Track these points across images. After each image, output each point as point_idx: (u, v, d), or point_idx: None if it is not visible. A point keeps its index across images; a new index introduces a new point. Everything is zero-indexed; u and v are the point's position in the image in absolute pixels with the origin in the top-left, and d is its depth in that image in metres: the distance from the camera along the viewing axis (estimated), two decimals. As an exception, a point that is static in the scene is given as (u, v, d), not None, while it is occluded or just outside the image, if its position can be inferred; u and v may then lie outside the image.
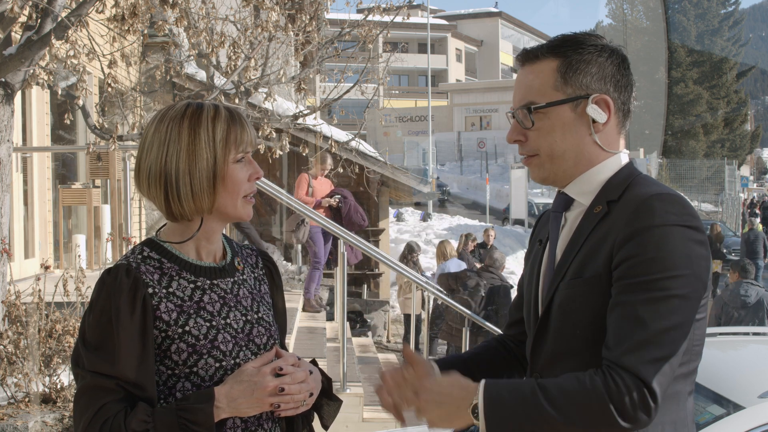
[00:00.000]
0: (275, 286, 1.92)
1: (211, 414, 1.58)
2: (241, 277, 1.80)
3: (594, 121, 1.62)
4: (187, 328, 1.66)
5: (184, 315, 1.67)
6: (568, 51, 1.63)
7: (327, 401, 1.83)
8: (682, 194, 1.58)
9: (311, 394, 1.71)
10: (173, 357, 1.65)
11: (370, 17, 8.51)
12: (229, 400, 1.61)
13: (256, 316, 1.77)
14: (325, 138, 9.00)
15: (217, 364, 1.67)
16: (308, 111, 9.03)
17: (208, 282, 1.73)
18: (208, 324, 1.68)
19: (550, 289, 1.64)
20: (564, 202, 1.70)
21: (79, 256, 7.41)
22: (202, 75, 8.96)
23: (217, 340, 1.68)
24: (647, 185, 1.58)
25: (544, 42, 1.71)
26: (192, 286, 1.71)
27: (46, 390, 4.30)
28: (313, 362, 1.80)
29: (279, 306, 1.92)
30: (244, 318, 1.74)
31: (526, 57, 1.68)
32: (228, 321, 1.71)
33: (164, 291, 1.67)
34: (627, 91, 1.66)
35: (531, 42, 64.98)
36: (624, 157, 1.67)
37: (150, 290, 1.65)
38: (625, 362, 1.45)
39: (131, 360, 1.59)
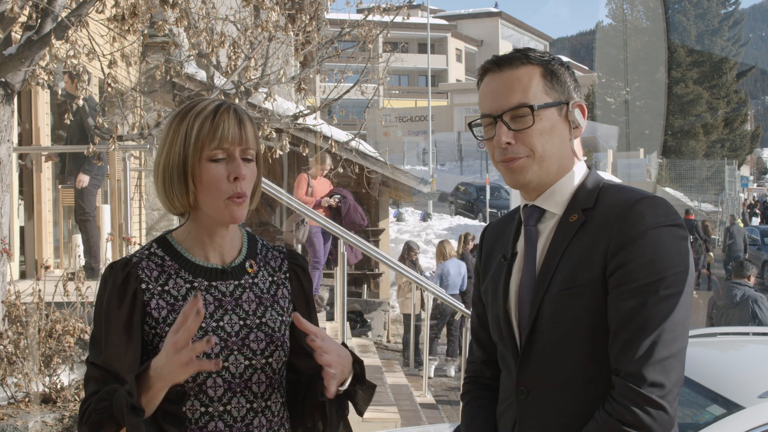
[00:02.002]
0: (301, 290, 1.84)
1: (133, 382, 1.51)
2: (250, 281, 1.76)
3: (572, 127, 1.69)
4: None
5: (174, 314, 1.66)
6: (540, 60, 1.68)
7: (360, 386, 1.73)
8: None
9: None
10: None
11: (370, 17, 8.51)
12: (155, 368, 1.52)
13: (258, 321, 1.73)
14: (325, 138, 8.99)
15: None
16: (308, 111, 9.02)
17: (206, 283, 1.71)
18: None
19: (534, 303, 1.64)
20: (536, 214, 1.72)
21: (79, 256, 7.42)
22: (202, 75, 8.96)
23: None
24: (624, 191, 1.66)
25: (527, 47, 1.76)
26: (188, 285, 1.70)
27: (46, 390, 4.30)
28: (343, 345, 1.73)
29: (301, 310, 1.82)
30: (241, 322, 1.71)
31: (505, 62, 1.69)
32: (221, 324, 1.68)
33: (159, 288, 1.68)
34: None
35: (531, 42, 65.02)
36: (584, 164, 1.74)
37: (143, 286, 1.67)
38: (635, 369, 1.50)
39: (115, 352, 1.62)
